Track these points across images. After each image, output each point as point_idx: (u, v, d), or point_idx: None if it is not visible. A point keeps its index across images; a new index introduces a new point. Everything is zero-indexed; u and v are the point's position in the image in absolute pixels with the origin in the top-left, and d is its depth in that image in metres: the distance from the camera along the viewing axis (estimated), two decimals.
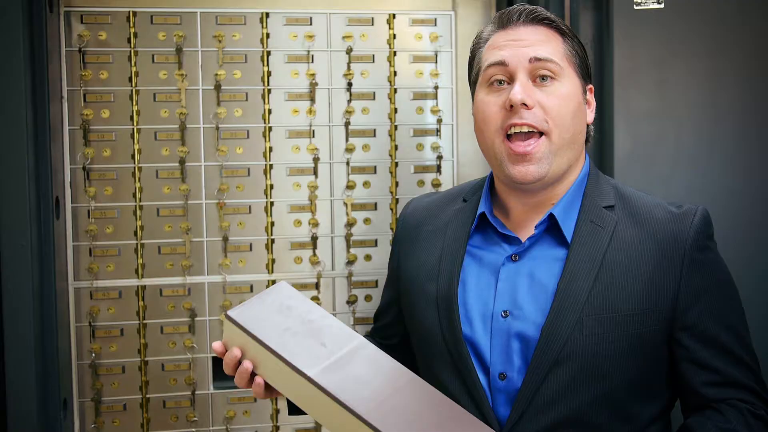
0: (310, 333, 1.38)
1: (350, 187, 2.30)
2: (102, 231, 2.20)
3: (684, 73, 2.11)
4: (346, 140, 2.30)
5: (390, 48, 2.31)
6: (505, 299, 1.47)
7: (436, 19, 2.34)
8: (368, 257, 2.32)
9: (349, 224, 2.30)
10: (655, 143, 2.12)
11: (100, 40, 2.18)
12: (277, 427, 2.30)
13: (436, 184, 2.34)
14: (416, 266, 1.63)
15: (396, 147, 2.33)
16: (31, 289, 2.02)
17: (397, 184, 2.33)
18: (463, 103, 2.38)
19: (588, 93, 1.56)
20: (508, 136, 1.47)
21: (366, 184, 2.32)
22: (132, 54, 2.19)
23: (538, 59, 1.46)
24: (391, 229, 2.33)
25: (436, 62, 2.34)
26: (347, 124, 2.29)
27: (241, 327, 1.36)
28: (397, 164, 2.33)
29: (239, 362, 1.42)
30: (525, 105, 1.44)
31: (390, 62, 2.31)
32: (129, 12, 2.19)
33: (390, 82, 2.32)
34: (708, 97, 2.12)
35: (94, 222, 2.19)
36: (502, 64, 1.48)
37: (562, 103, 1.46)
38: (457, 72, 2.36)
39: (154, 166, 2.21)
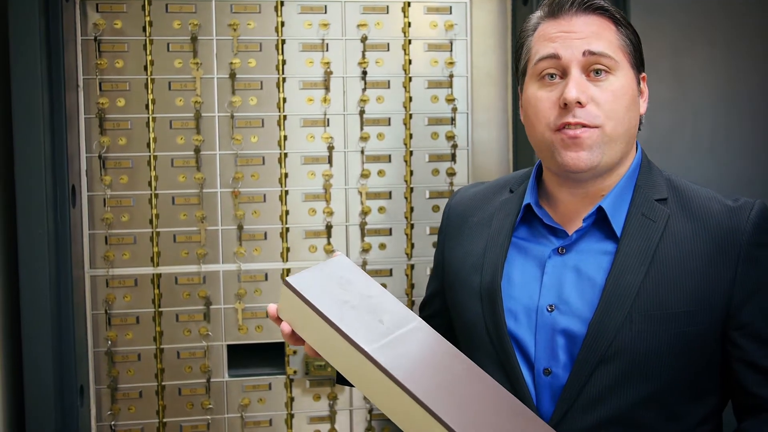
0: (368, 309, 1.34)
1: (365, 175, 2.30)
2: (118, 219, 2.21)
3: (702, 62, 2.10)
4: (361, 129, 2.30)
5: (405, 36, 2.31)
6: (550, 293, 1.43)
7: (451, 8, 2.33)
8: (383, 246, 2.32)
9: (364, 213, 2.30)
10: (673, 132, 2.11)
11: (115, 28, 2.18)
12: (292, 415, 2.31)
13: (451, 173, 2.33)
14: (461, 257, 1.59)
15: (411, 136, 2.32)
16: (48, 276, 2.03)
17: (411, 172, 2.33)
18: (478, 91, 2.37)
19: (641, 82, 1.50)
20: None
21: (381, 172, 2.31)
22: (147, 43, 2.20)
23: (593, 53, 1.40)
24: (406, 218, 2.33)
25: (451, 51, 2.33)
26: (362, 112, 2.29)
27: (300, 295, 1.32)
28: (411, 153, 2.33)
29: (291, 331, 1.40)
30: (579, 103, 1.38)
31: (405, 51, 2.31)
32: (144, 0, 2.19)
33: (405, 70, 2.31)
34: (726, 85, 2.10)
35: (109, 210, 2.20)
36: (554, 57, 1.42)
37: (615, 98, 1.40)
38: (472, 60, 2.35)
39: (169, 155, 2.22)
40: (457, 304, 1.58)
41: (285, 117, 2.26)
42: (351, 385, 1.39)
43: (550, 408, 1.41)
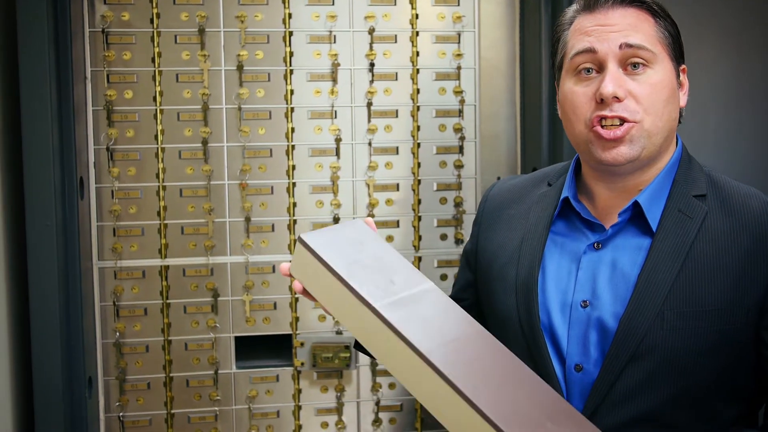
0: (380, 269, 1.33)
1: (372, 168, 2.30)
2: (125, 211, 2.21)
3: (710, 52, 2.09)
4: (368, 121, 2.29)
5: (412, 28, 2.30)
6: (585, 288, 1.42)
7: None
8: (390, 238, 2.32)
9: (371, 205, 2.30)
10: (680, 125, 2.09)
11: (123, 20, 2.18)
12: (299, 407, 2.31)
13: (459, 165, 2.33)
14: (495, 249, 1.58)
15: (418, 128, 2.32)
16: (56, 268, 2.04)
17: (419, 164, 2.32)
18: (486, 84, 2.36)
19: (681, 74, 1.47)
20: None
21: (388, 165, 2.31)
22: (155, 34, 2.20)
23: (630, 46, 1.37)
24: (413, 210, 2.33)
25: (459, 43, 2.32)
26: (369, 104, 2.29)
27: (312, 251, 1.31)
28: (419, 145, 2.32)
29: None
30: (616, 98, 1.36)
31: (412, 42, 2.30)
32: None
33: (412, 62, 2.31)
34: (735, 76, 2.09)
35: (117, 202, 2.21)
36: (590, 51, 1.39)
37: (654, 91, 1.38)
38: (480, 52, 2.34)
39: (176, 147, 2.22)
40: (491, 296, 1.57)
41: (292, 109, 2.26)
42: (368, 353, 1.37)
43: (579, 404, 1.39)
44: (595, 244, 1.44)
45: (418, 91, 2.31)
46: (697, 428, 1.38)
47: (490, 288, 1.57)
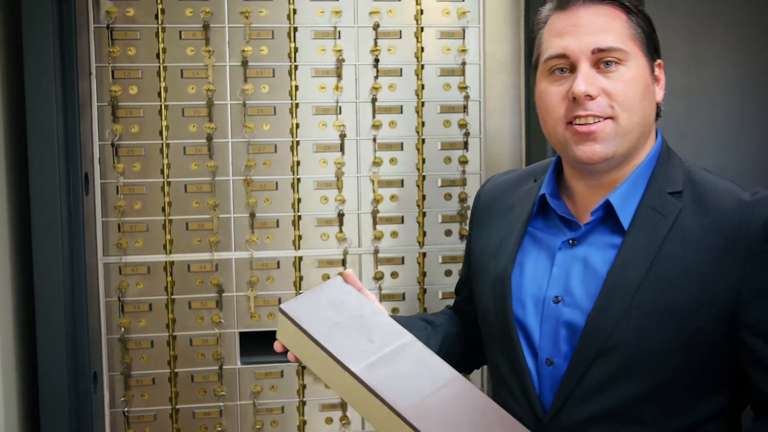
0: (359, 329, 1.40)
1: (377, 163, 2.30)
2: (130, 207, 2.22)
3: (716, 46, 2.08)
4: (373, 117, 2.29)
5: (417, 24, 2.30)
6: (558, 284, 1.43)
7: None
8: (394, 234, 2.32)
9: (376, 201, 2.30)
10: (686, 119, 2.09)
11: (127, 16, 2.18)
12: (304, 402, 2.31)
13: (463, 161, 2.33)
14: (482, 245, 1.61)
15: (423, 124, 2.32)
16: (62, 264, 2.04)
17: (423, 160, 2.32)
18: (491, 79, 2.36)
19: (657, 69, 1.47)
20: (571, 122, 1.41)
21: (392, 160, 2.31)
22: (159, 30, 2.20)
23: (601, 50, 1.38)
24: (418, 206, 2.33)
25: (464, 38, 2.32)
26: (374, 100, 2.29)
27: (292, 320, 1.39)
28: (423, 141, 2.32)
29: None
30: (589, 96, 1.37)
31: (417, 38, 2.30)
32: None
33: (417, 58, 2.30)
34: (741, 70, 2.08)
35: (122, 198, 2.21)
36: (562, 56, 1.41)
37: (628, 88, 1.38)
38: (485, 48, 2.33)
39: (181, 143, 2.22)
40: (477, 291, 1.60)
41: (297, 105, 2.26)
42: None
43: (550, 397, 1.42)
44: (570, 241, 1.46)
45: (422, 86, 2.31)
46: (666, 425, 1.38)
47: (477, 283, 1.61)
